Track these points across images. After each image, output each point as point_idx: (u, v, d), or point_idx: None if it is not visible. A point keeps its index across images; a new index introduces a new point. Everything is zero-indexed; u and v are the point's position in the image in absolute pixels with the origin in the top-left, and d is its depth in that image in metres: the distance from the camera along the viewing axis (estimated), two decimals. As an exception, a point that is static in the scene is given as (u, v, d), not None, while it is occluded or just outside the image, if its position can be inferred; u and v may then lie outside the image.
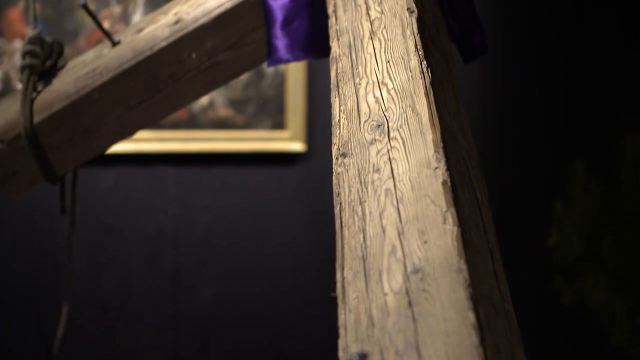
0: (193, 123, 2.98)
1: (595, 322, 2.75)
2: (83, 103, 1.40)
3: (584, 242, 2.77)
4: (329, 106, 1.06)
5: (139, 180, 3.06)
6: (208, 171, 3.10)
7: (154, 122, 1.46)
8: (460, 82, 1.19)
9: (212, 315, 3.12)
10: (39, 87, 1.45)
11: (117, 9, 2.94)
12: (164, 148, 2.99)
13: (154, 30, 1.40)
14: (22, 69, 1.43)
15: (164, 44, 1.39)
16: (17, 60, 2.86)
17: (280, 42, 1.33)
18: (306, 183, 3.12)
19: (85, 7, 1.39)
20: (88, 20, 2.93)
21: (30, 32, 1.45)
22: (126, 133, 1.45)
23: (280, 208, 3.14)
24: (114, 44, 1.43)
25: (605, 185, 2.82)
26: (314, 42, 1.32)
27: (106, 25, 2.94)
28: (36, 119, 1.41)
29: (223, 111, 3.00)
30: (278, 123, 3.03)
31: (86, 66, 1.43)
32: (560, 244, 2.81)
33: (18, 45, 2.89)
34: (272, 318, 3.13)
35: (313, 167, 3.11)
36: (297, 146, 3.04)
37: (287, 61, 1.33)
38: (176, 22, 1.39)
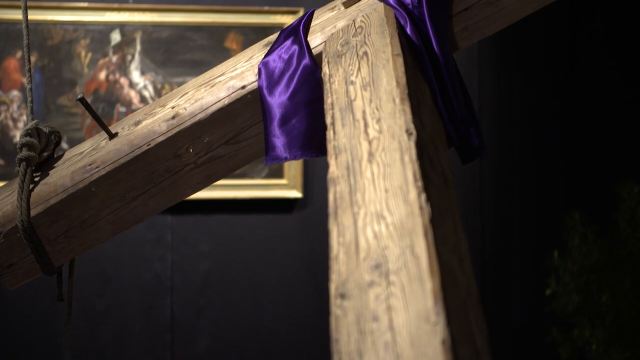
0: (190, 171, 2.97)
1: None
2: (80, 196, 1.40)
3: (582, 292, 2.77)
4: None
5: (136, 229, 3.04)
6: (205, 219, 3.09)
7: (151, 215, 1.45)
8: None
9: (209, 362, 3.11)
10: (36, 178, 1.44)
11: (114, 58, 2.94)
12: (161, 196, 2.97)
13: (151, 124, 1.39)
14: (19, 161, 1.42)
15: (161, 138, 1.38)
16: (14, 109, 2.86)
17: (278, 140, 1.31)
18: (303, 229, 3.11)
19: (82, 100, 1.39)
20: (86, 70, 2.93)
21: (27, 123, 1.44)
22: (124, 226, 1.44)
23: (278, 254, 3.13)
24: (112, 136, 1.42)
25: (603, 235, 2.82)
26: (312, 141, 1.31)
27: (103, 74, 2.94)
28: (33, 212, 1.41)
29: (220, 160, 3.00)
30: (275, 171, 3.02)
31: (83, 158, 1.42)
32: (558, 294, 2.81)
33: (15, 94, 2.89)
34: (270, 365, 3.11)
35: (310, 214, 3.10)
36: (294, 194, 3.04)
37: (285, 159, 1.31)
38: (174, 117, 1.38)
